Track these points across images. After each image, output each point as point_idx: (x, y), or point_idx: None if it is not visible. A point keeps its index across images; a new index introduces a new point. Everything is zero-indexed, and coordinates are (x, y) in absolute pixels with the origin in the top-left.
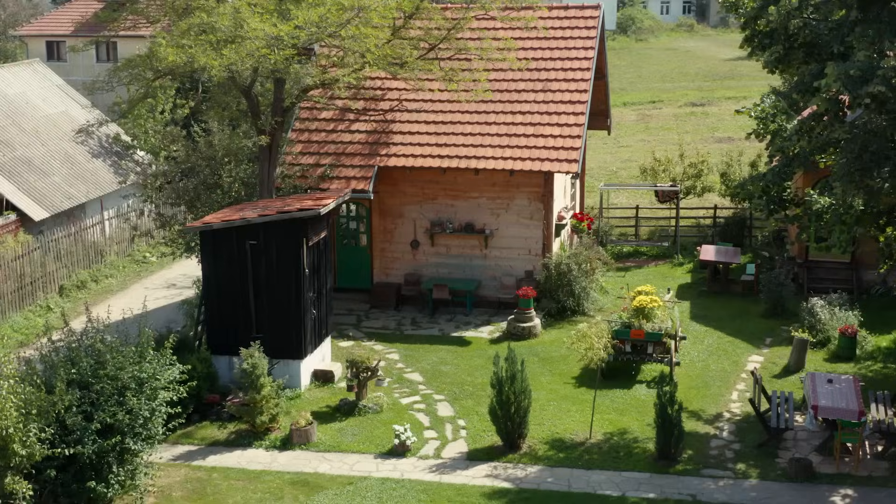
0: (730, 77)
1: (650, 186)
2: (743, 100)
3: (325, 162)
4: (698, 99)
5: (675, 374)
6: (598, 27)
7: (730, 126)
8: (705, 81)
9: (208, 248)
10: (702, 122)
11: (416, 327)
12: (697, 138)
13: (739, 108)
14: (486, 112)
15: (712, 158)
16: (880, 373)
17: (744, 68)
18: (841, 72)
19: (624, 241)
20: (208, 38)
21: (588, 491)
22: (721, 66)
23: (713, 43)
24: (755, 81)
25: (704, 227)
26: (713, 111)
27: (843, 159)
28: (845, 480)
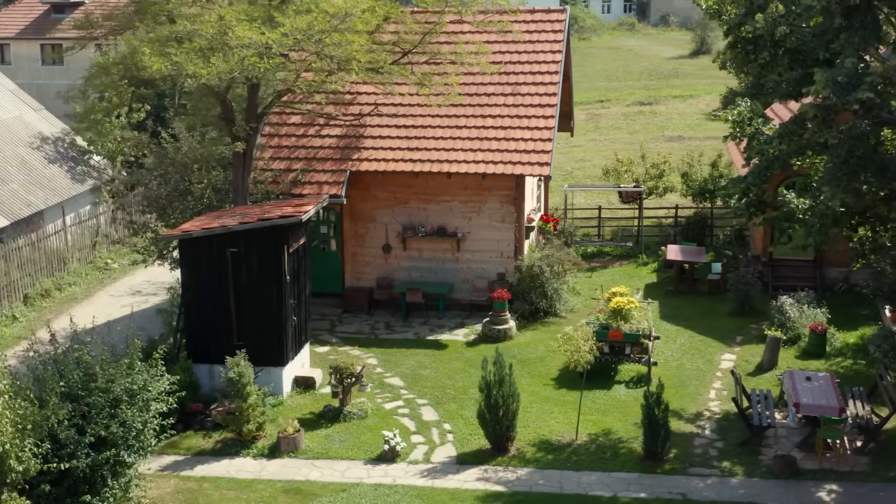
0: (674, 76)
1: (614, 187)
2: (690, 98)
3: (296, 167)
4: (645, 98)
5: (652, 374)
6: (564, 31)
7: (679, 125)
8: (650, 80)
9: (187, 256)
10: (651, 121)
11: (390, 331)
12: (648, 137)
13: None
14: (456, 116)
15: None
16: (851, 369)
17: (687, 67)
18: (829, 78)
19: (588, 241)
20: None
21: (580, 492)
22: (664, 64)
23: (654, 42)
24: (699, 80)
25: (666, 227)
26: (661, 110)
27: (830, 164)
28: (829, 476)
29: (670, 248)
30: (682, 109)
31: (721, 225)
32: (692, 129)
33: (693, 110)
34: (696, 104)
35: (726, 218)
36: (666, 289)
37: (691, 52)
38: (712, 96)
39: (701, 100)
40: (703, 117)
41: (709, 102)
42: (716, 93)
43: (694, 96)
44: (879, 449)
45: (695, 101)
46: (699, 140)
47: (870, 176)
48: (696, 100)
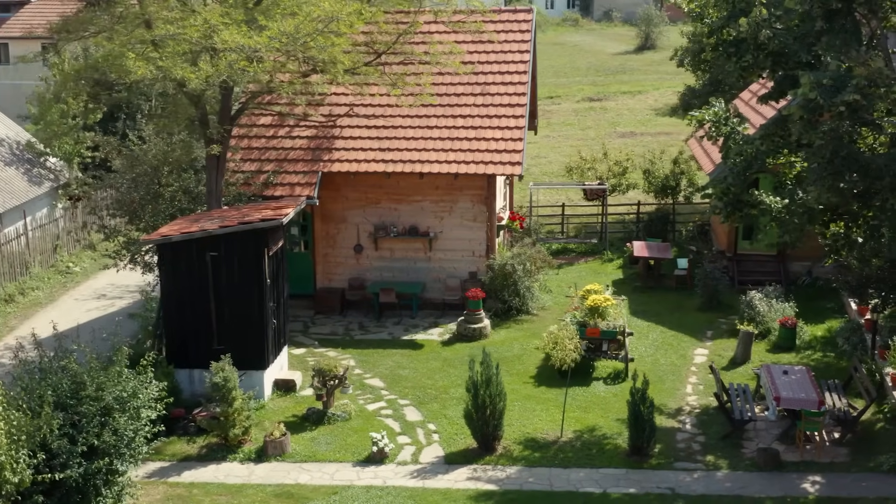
0: (621, 71)
1: (578, 185)
2: (638, 94)
3: (267, 168)
4: (594, 94)
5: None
6: (531, 30)
7: (630, 121)
8: (598, 76)
9: (167, 261)
10: (602, 117)
11: (364, 332)
12: (601, 133)
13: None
14: (427, 116)
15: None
16: (821, 361)
17: (633, 62)
18: (814, 81)
19: (553, 238)
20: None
21: (570, 489)
22: (611, 60)
23: (599, 37)
24: (647, 76)
25: (629, 224)
26: (611, 106)
27: (815, 164)
28: (811, 468)
29: (636, 245)
30: (631, 105)
31: (683, 221)
32: (643, 124)
33: (643, 106)
34: (645, 100)
35: (687, 214)
36: (634, 284)
37: (636, 48)
38: (661, 92)
39: (650, 95)
40: (654, 113)
41: (657, 98)
42: (664, 88)
43: (643, 92)
44: (857, 440)
45: (644, 97)
46: (651, 136)
47: (854, 175)
48: (645, 95)
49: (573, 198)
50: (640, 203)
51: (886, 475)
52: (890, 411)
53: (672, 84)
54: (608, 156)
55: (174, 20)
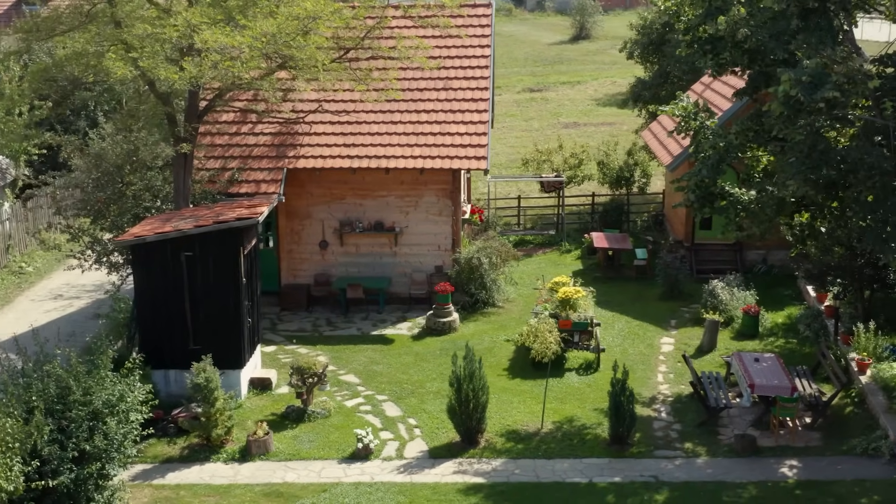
0: (558, 62)
1: (535, 177)
2: (577, 84)
3: (231, 166)
4: (534, 84)
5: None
6: (491, 24)
7: (572, 111)
8: (536, 66)
9: (141, 261)
10: (544, 108)
11: (333, 328)
12: (544, 124)
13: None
14: (390, 111)
15: (568, 144)
16: (784, 348)
17: (569, 53)
18: (794, 78)
19: (510, 230)
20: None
21: (556, 480)
22: (547, 50)
23: (533, 27)
24: (584, 66)
25: (584, 215)
26: (552, 96)
27: (793, 158)
28: (786, 452)
29: (595, 236)
30: (572, 95)
31: (637, 211)
32: (585, 115)
33: (583, 96)
34: (585, 90)
35: (641, 204)
36: (594, 275)
37: (571, 38)
38: (600, 82)
39: (589, 86)
40: (595, 103)
41: (597, 88)
42: (602, 78)
43: (582, 82)
44: (828, 424)
45: (583, 87)
46: (594, 126)
47: (831, 169)
48: (585, 85)
49: (524, 189)
50: (595, 194)
51: (860, 458)
52: (857, 395)
53: (610, 74)
54: (563, 148)
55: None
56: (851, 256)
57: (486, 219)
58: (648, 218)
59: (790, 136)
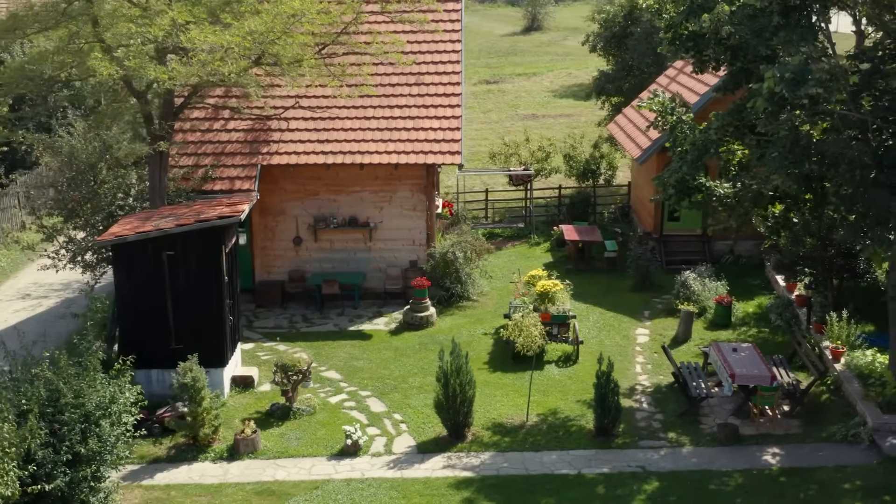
0: (512, 53)
1: (504, 171)
2: (533, 76)
3: (205, 163)
4: (490, 76)
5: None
6: (461, 20)
7: (529, 103)
8: (491, 58)
9: (122, 261)
10: (501, 100)
11: (309, 324)
12: (503, 116)
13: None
14: (363, 107)
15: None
16: (757, 337)
17: (523, 44)
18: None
19: (479, 224)
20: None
21: (546, 472)
22: (500, 42)
23: (485, 18)
24: (538, 57)
25: (552, 207)
26: (508, 88)
27: (776, 153)
28: (768, 440)
29: (566, 228)
30: (528, 87)
31: (603, 203)
32: (543, 106)
33: (539, 88)
34: (540, 82)
35: (607, 196)
36: (565, 267)
37: (523, 29)
38: (555, 73)
39: (545, 77)
40: (551, 95)
41: (553, 80)
42: (558, 70)
43: (537, 74)
44: (806, 412)
45: (539, 79)
46: (552, 118)
47: (813, 164)
48: (541, 77)
49: (488, 182)
50: (562, 187)
51: (840, 444)
52: (832, 383)
53: (565, 65)
54: (530, 141)
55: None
56: (823, 247)
57: (455, 213)
58: (615, 210)
59: (773, 132)
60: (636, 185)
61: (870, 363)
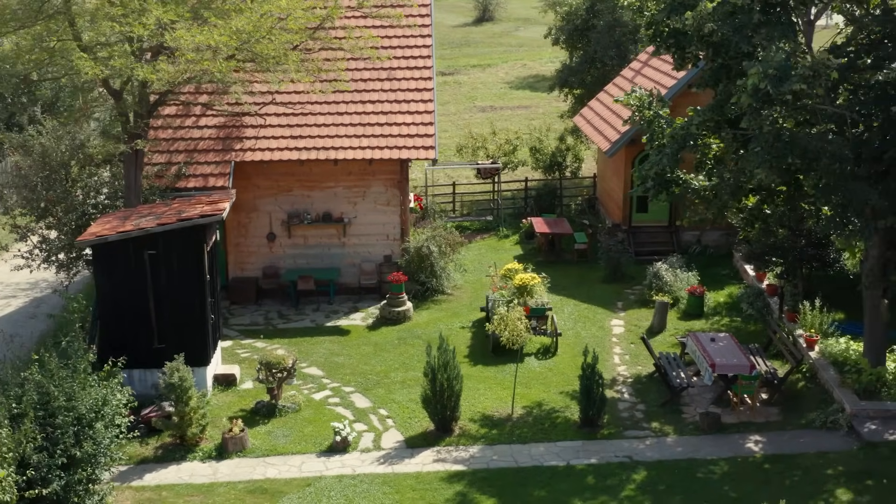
0: (465, 44)
1: (472, 165)
2: (488, 67)
3: (177, 160)
4: (445, 68)
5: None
6: (430, 14)
7: (486, 95)
8: (444, 49)
9: (102, 261)
10: (458, 92)
11: (285, 321)
12: (461, 108)
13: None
14: (336, 102)
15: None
16: (730, 326)
17: (475, 35)
18: (762, 71)
19: (447, 217)
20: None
21: (535, 464)
22: (452, 32)
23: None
24: (492, 49)
25: (518, 200)
26: (464, 80)
27: (758, 148)
28: (749, 427)
29: (536, 221)
30: (483, 79)
31: (569, 195)
32: (500, 98)
33: (494, 79)
34: (496, 73)
35: (573, 188)
36: (536, 260)
37: (475, 20)
38: (510, 65)
39: (499, 69)
40: (507, 86)
41: (508, 71)
42: (512, 61)
43: (492, 65)
44: (784, 399)
45: (494, 70)
46: (510, 109)
47: (795, 158)
48: (495, 69)
49: (452, 174)
50: (528, 179)
51: (819, 431)
52: (808, 371)
53: (519, 57)
54: (497, 134)
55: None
56: (794, 237)
57: (425, 206)
58: (582, 202)
59: (756, 127)
60: (602, 176)
61: (844, 351)
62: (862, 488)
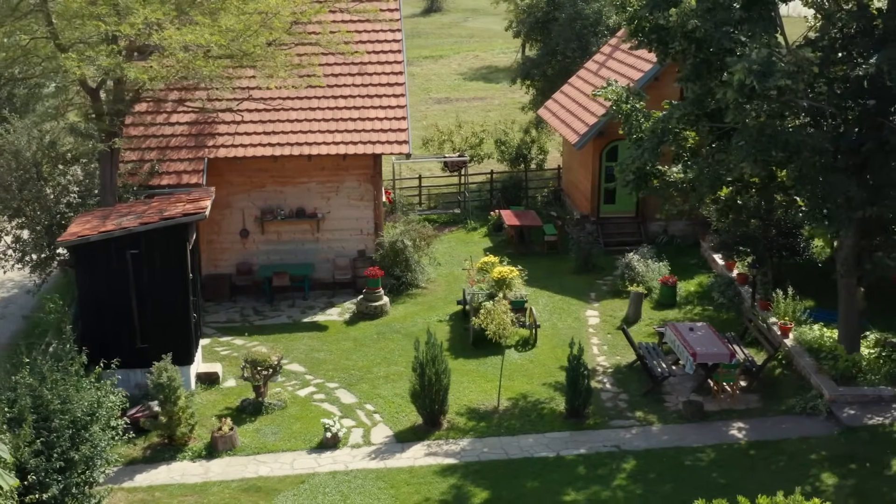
0: (415, 35)
1: (439, 158)
2: (440, 59)
3: (149, 157)
4: None
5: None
6: (399, 8)
7: (440, 86)
8: None
9: (84, 261)
10: (412, 84)
11: (262, 317)
12: (416, 100)
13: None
14: (308, 98)
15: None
16: (703, 315)
17: (424, 26)
18: (747, 67)
19: (414, 210)
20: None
21: (525, 455)
22: None
23: None
24: (442, 40)
25: (484, 192)
26: (417, 71)
27: (742, 142)
28: (731, 415)
29: (505, 213)
30: (436, 70)
31: (534, 187)
32: (455, 90)
33: (448, 71)
34: (448, 64)
35: (538, 180)
36: (506, 252)
37: (423, 11)
38: (462, 56)
39: (452, 60)
40: (461, 78)
41: (460, 63)
42: (464, 52)
43: (444, 56)
44: (763, 386)
45: (446, 62)
46: (466, 101)
47: (779, 151)
48: (448, 60)
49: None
50: (493, 172)
51: (800, 416)
52: (784, 358)
53: (470, 48)
54: (462, 127)
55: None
56: (765, 227)
57: (394, 200)
58: (548, 193)
59: (740, 121)
60: (568, 168)
61: (818, 338)
62: (846, 472)
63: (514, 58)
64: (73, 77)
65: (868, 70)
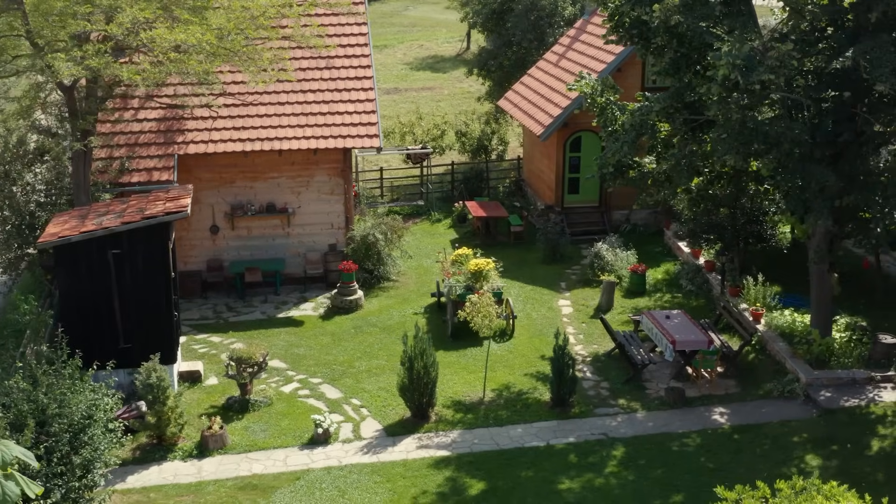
0: None
1: (402, 150)
2: (385, 48)
3: (119, 154)
4: None
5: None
6: (365, 2)
7: (388, 76)
8: None
9: (64, 261)
10: None
11: (235, 313)
12: None
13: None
14: (276, 92)
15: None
16: (672, 302)
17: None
18: (731, 62)
19: (377, 202)
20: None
21: (517, 446)
22: None
23: None
24: (385, 29)
25: (446, 184)
26: None
27: (724, 134)
28: (712, 400)
29: (470, 205)
30: (382, 60)
31: (496, 178)
32: (403, 80)
33: (394, 61)
34: (393, 54)
35: (498, 171)
36: (473, 243)
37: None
38: (407, 45)
39: (397, 49)
40: (408, 68)
41: (406, 52)
42: (409, 42)
43: (388, 46)
44: (739, 372)
45: (391, 51)
46: (415, 91)
47: (760, 143)
48: (393, 49)
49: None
50: (454, 163)
51: (778, 400)
52: (757, 343)
53: (414, 37)
54: (423, 119)
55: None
56: (733, 215)
57: (358, 193)
58: (510, 184)
59: (723, 114)
60: (530, 158)
61: (791, 323)
62: (829, 454)
63: (459, 47)
64: (60, 77)
65: (844, 63)
